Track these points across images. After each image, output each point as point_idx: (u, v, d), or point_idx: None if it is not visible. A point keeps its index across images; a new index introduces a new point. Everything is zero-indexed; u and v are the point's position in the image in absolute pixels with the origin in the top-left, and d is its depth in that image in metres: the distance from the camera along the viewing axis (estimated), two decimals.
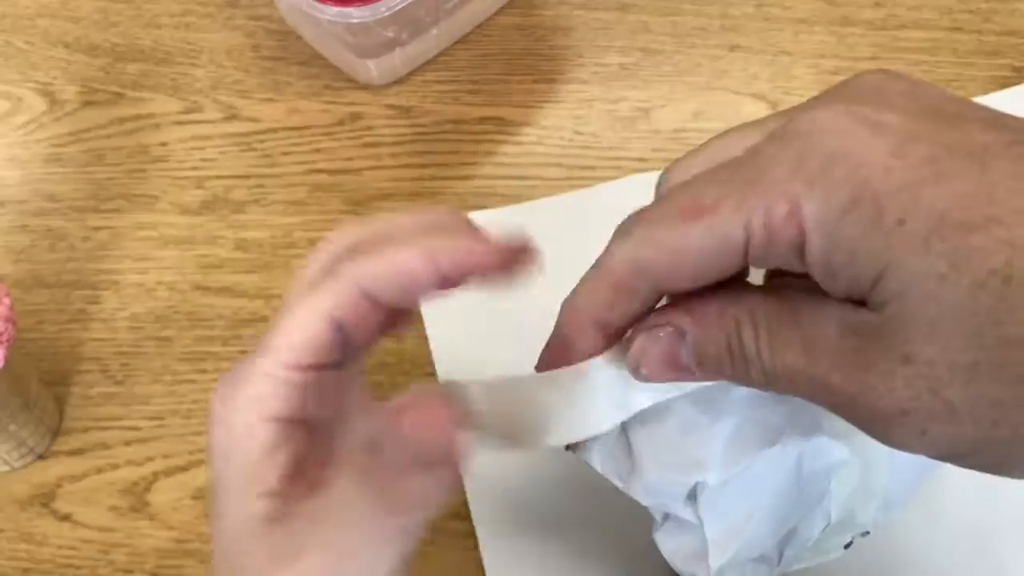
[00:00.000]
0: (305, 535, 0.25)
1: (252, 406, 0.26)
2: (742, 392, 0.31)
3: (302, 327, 0.26)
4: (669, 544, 0.33)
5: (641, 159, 0.55)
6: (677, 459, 0.32)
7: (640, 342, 0.28)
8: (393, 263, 0.27)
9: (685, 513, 0.32)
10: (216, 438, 0.27)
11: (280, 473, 0.26)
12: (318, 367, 0.27)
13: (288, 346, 0.26)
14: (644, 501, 0.33)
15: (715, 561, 0.32)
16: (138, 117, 0.58)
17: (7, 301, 0.42)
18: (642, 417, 0.32)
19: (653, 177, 0.53)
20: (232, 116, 0.58)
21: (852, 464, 0.32)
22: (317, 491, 0.26)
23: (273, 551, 0.25)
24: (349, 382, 0.29)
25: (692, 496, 0.32)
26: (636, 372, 0.29)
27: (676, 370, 0.28)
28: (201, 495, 0.46)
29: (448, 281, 0.27)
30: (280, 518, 0.26)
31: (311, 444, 0.27)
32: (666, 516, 0.33)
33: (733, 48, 0.59)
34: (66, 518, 0.46)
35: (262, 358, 0.27)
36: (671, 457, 0.32)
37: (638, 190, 0.53)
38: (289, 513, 0.26)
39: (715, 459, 0.31)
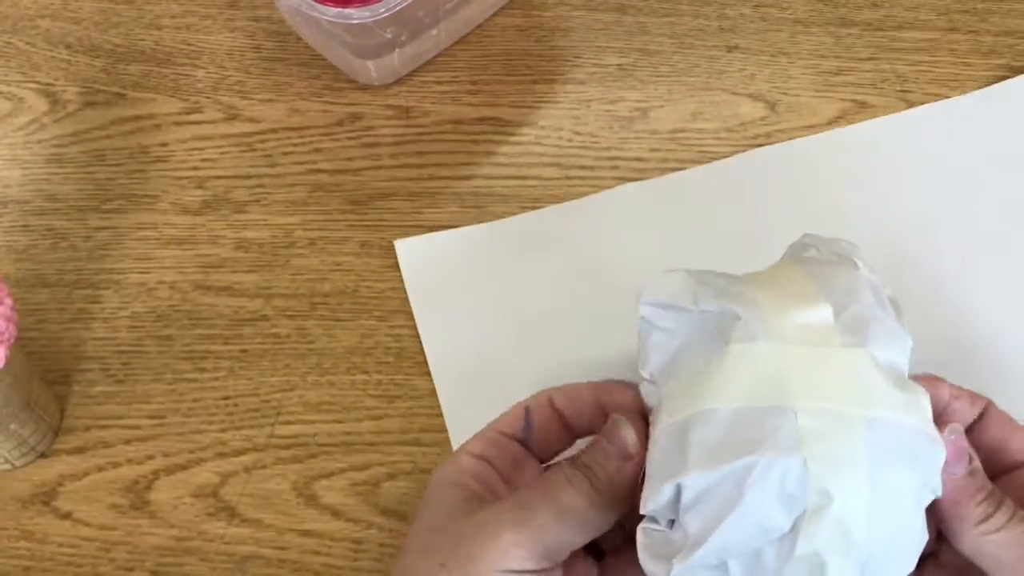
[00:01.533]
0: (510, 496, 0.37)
1: (461, 448, 0.39)
2: (731, 406, 0.33)
3: (508, 411, 0.40)
4: (643, 540, 0.34)
5: (639, 159, 0.55)
6: (668, 466, 0.33)
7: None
8: (571, 385, 0.40)
9: (674, 515, 0.33)
10: (433, 474, 0.38)
11: (475, 480, 0.37)
12: (507, 435, 0.39)
13: (496, 420, 0.40)
14: (644, 510, 0.34)
15: (680, 562, 0.32)
16: (139, 118, 0.58)
17: (8, 300, 0.42)
18: (658, 434, 0.35)
19: (650, 185, 0.54)
20: (233, 116, 0.58)
21: (831, 501, 0.32)
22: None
23: (473, 509, 0.36)
24: (530, 463, 0.39)
25: (676, 498, 0.33)
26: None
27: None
28: (201, 493, 0.46)
29: (601, 414, 0.39)
30: (475, 498, 0.37)
31: (494, 485, 0.38)
32: (671, 523, 0.34)
33: (731, 49, 0.59)
34: (67, 516, 0.46)
35: (483, 429, 0.39)
36: (665, 465, 0.34)
37: (634, 197, 0.54)
38: (486, 497, 0.37)
39: (696, 461, 0.32)
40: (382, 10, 0.52)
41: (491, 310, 0.50)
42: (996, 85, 0.56)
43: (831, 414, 0.32)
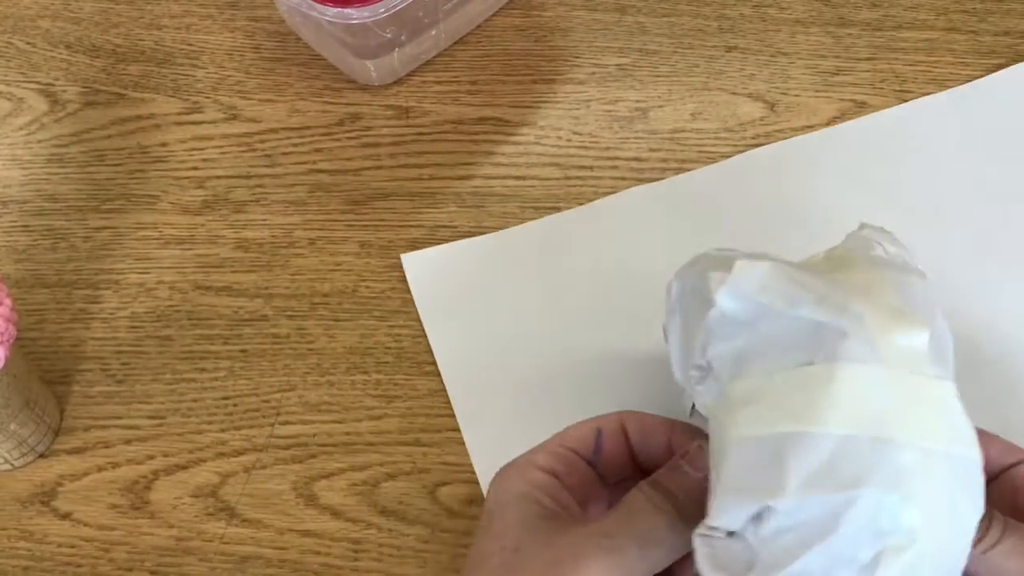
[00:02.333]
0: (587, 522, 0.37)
1: (527, 460, 0.38)
2: (838, 432, 0.32)
3: (577, 429, 0.40)
4: (704, 548, 0.33)
5: (638, 159, 0.55)
6: (755, 482, 0.33)
7: None
8: (644, 416, 0.40)
9: (745, 530, 0.32)
10: (493, 484, 0.38)
11: (547, 496, 0.37)
12: (576, 452, 0.39)
13: (563, 435, 0.39)
14: (714, 521, 0.33)
15: None
16: (139, 118, 0.58)
17: (8, 301, 0.42)
18: (737, 441, 0.34)
19: (659, 187, 0.54)
20: (233, 116, 0.58)
21: (916, 538, 0.31)
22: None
23: (552, 529, 0.36)
24: (594, 484, 0.39)
25: (758, 517, 0.32)
26: None
27: None
28: (200, 493, 0.46)
29: (669, 452, 0.39)
30: (551, 517, 0.36)
31: (566, 502, 0.38)
32: (730, 534, 0.33)
33: (730, 49, 0.59)
34: (67, 516, 0.46)
35: (543, 443, 0.39)
36: (750, 479, 0.33)
37: (644, 200, 0.53)
38: (560, 516, 0.37)
39: (790, 488, 0.32)
40: (382, 10, 0.52)
41: (502, 319, 0.50)
42: (998, 73, 0.56)
43: (925, 450, 0.32)
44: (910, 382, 0.33)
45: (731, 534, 0.33)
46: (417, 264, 0.52)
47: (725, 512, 0.33)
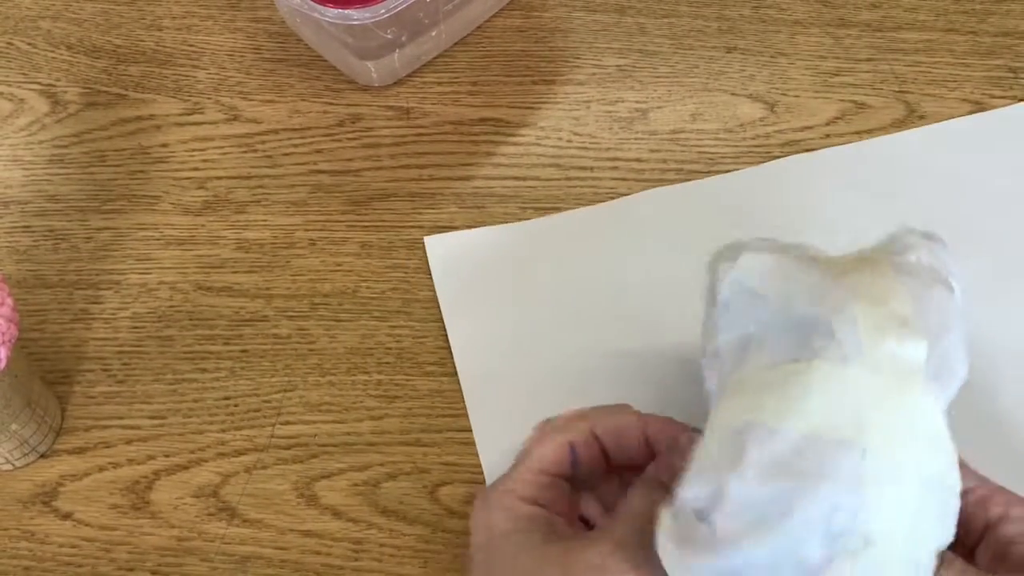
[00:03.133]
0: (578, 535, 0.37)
1: (509, 492, 0.38)
2: (802, 426, 0.32)
3: (549, 447, 0.39)
4: (667, 521, 0.33)
5: (638, 160, 0.55)
6: (718, 462, 0.33)
7: None
8: (615, 418, 0.40)
9: (710, 511, 0.33)
10: (478, 518, 0.38)
11: (540, 527, 0.37)
12: (554, 474, 0.39)
13: (539, 458, 0.39)
14: (681, 492, 0.34)
15: (702, 561, 0.32)
16: (140, 118, 0.58)
17: (9, 301, 0.42)
18: (715, 427, 0.34)
19: (685, 189, 0.53)
20: (233, 117, 0.58)
21: (872, 546, 0.31)
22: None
23: (561, 551, 0.36)
24: (574, 498, 0.40)
25: (718, 496, 0.32)
26: None
27: None
28: (201, 494, 0.47)
29: (646, 448, 0.39)
30: (551, 541, 0.36)
31: (561, 528, 0.38)
32: (697, 512, 0.33)
33: (730, 49, 0.59)
34: (68, 516, 0.46)
35: (517, 467, 0.39)
36: (715, 460, 0.33)
37: (668, 201, 0.53)
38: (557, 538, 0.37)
39: (752, 470, 0.32)
40: (382, 11, 0.52)
41: (520, 309, 0.50)
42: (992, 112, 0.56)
43: (895, 461, 0.32)
44: (894, 389, 0.33)
45: (698, 513, 0.33)
46: (440, 247, 0.52)
47: (689, 487, 0.33)
